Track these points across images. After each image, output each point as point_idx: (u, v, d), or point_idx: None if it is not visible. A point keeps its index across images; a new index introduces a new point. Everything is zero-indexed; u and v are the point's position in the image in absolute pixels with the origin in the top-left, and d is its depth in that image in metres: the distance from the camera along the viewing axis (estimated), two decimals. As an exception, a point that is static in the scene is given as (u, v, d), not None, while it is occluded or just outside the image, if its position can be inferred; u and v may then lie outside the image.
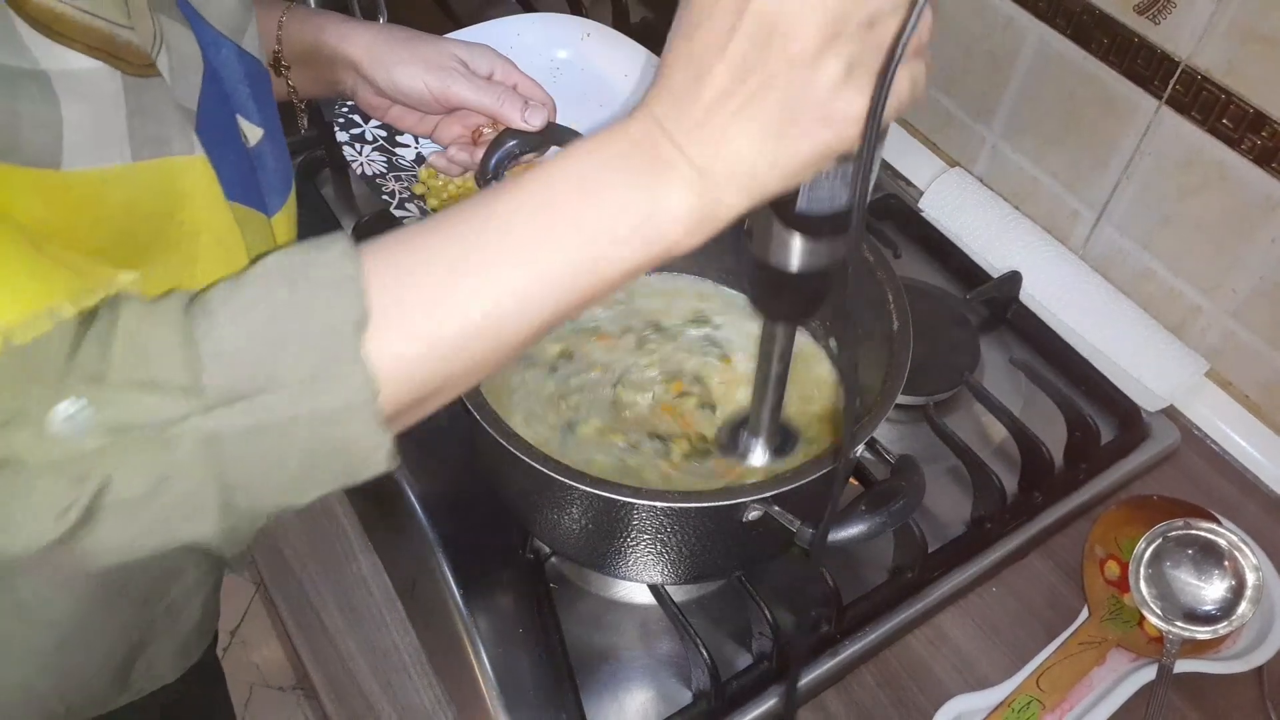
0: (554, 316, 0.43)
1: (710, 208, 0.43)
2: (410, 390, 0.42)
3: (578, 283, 0.43)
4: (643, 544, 0.65)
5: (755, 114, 0.41)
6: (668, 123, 0.42)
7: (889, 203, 1.09)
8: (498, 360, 0.44)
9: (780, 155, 0.42)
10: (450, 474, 0.82)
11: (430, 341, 0.41)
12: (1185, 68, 0.84)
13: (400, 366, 0.41)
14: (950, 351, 0.92)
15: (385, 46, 0.76)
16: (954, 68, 1.06)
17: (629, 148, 0.43)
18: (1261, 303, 0.87)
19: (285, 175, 0.62)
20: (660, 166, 0.42)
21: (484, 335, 0.42)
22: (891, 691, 0.75)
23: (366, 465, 0.42)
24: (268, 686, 1.79)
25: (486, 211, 0.43)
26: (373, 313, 0.40)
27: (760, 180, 0.43)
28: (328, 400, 0.39)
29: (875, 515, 0.60)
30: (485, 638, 0.74)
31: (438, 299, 0.41)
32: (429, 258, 0.42)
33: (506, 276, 0.42)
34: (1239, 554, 0.75)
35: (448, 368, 0.42)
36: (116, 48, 0.44)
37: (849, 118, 0.41)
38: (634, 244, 0.43)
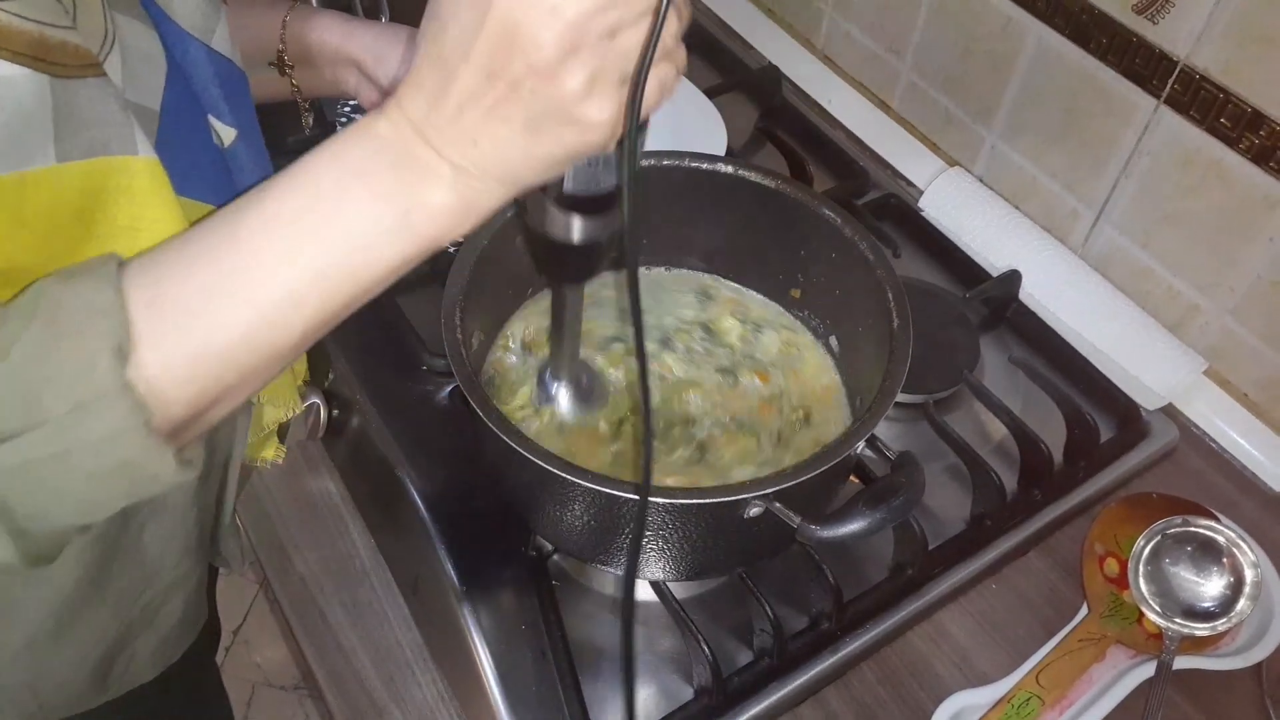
0: (320, 320, 0.44)
1: (469, 200, 0.44)
2: (188, 404, 0.43)
3: (339, 286, 0.44)
4: (644, 540, 0.65)
5: (503, 117, 0.41)
6: (420, 121, 0.43)
7: (889, 202, 1.09)
8: (274, 365, 0.45)
9: (531, 154, 0.43)
10: (453, 471, 0.82)
11: (197, 358, 0.42)
12: (1184, 67, 0.85)
13: (169, 384, 0.42)
14: (950, 350, 0.93)
15: (388, 45, 0.76)
16: (953, 67, 1.07)
17: (378, 147, 0.43)
18: (1260, 301, 0.87)
19: (264, 175, 0.62)
20: (413, 164, 0.43)
21: (250, 346, 0.43)
22: (892, 688, 0.76)
23: (155, 480, 0.43)
24: (270, 686, 1.80)
25: (241, 221, 0.43)
26: (137, 336, 0.41)
27: (515, 174, 0.44)
28: (95, 430, 0.40)
29: (875, 511, 0.60)
30: (488, 634, 0.74)
31: (198, 315, 0.42)
32: (186, 276, 0.43)
33: (263, 286, 0.42)
34: (1237, 551, 0.75)
35: (221, 380, 0.43)
36: (47, 50, 0.44)
37: (595, 124, 0.42)
38: (392, 243, 0.43)
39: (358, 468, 0.86)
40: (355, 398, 0.85)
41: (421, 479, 0.81)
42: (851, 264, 0.75)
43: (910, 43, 1.11)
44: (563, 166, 0.45)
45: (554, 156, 0.43)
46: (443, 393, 0.86)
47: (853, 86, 1.21)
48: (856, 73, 1.21)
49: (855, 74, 1.21)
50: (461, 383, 0.64)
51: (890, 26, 1.12)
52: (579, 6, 0.39)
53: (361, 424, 0.85)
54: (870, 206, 1.07)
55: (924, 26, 1.08)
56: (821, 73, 1.23)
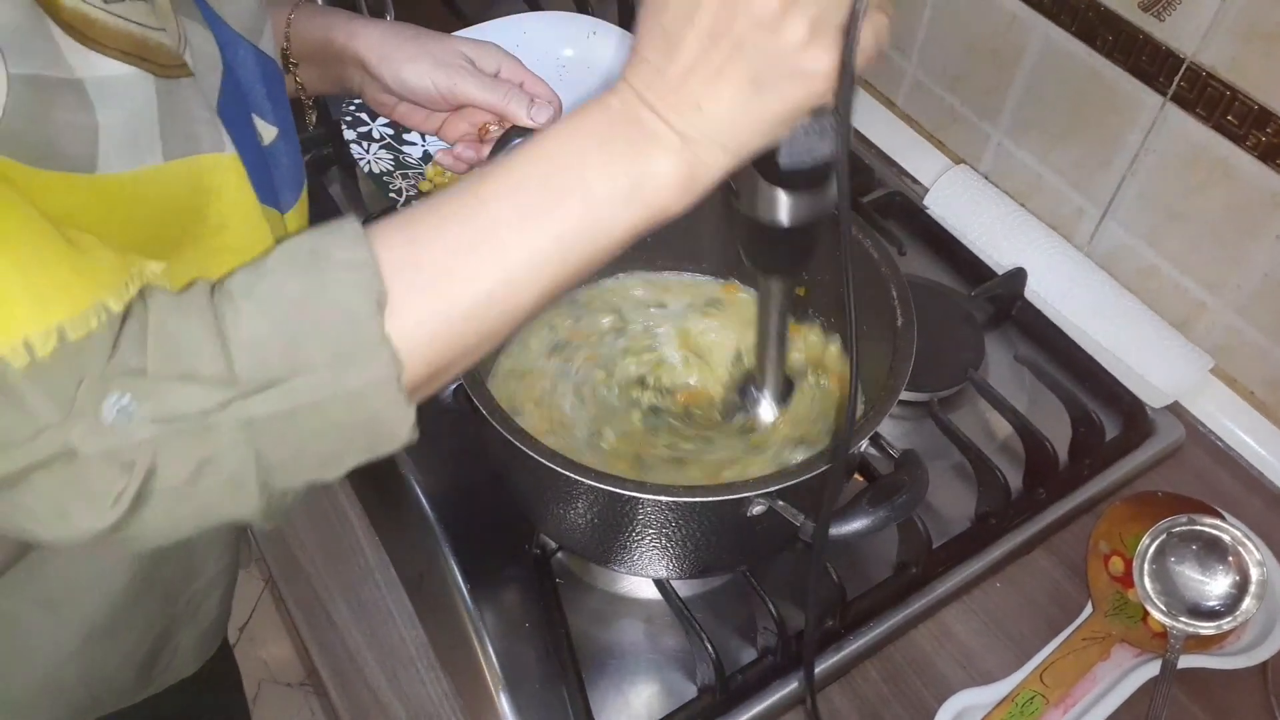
0: (557, 283, 0.46)
1: (695, 169, 0.45)
2: (430, 363, 0.44)
3: (577, 251, 0.45)
4: (648, 539, 0.65)
5: (728, 77, 0.43)
6: (646, 93, 0.44)
7: (894, 200, 1.09)
8: (508, 328, 0.46)
9: (755, 114, 0.44)
10: (457, 469, 0.82)
11: (445, 316, 0.43)
12: (1190, 64, 0.84)
13: (419, 341, 0.43)
14: (955, 348, 0.93)
15: (392, 44, 0.76)
16: (959, 65, 1.07)
17: (610, 120, 0.45)
18: (1266, 299, 0.87)
19: (297, 173, 0.62)
20: (643, 135, 0.45)
21: (494, 306, 0.44)
22: (896, 686, 0.76)
23: (394, 438, 0.44)
24: (275, 682, 1.80)
25: (484, 190, 0.45)
26: (389, 292, 0.42)
27: (739, 139, 0.45)
28: (355, 380, 0.41)
29: (878, 509, 0.60)
30: (492, 632, 0.74)
31: (448, 275, 0.43)
32: (436, 236, 0.44)
33: (509, 250, 0.44)
34: (1243, 550, 0.75)
35: (463, 339, 0.44)
36: (148, 50, 0.45)
37: (817, 73, 0.43)
38: (627, 210, 0.45)
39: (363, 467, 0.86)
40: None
41: (426, 477, 0.81)
42: (857, 263, 0.75)
43: (916, 41, 1.10)
44: (785, 127, 0.46)
45: (778, 115, 0.45)
46: (447, 392, 0.86)
47: (858, 83, 1.20)
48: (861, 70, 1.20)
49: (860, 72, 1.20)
50: (465, 381, 0.64)
51: (895, 24, 1.11)
52: None
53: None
54: (875, 204, 1.07)
55: (929, 24, 1.08)
56: (827, 70, 1.23)
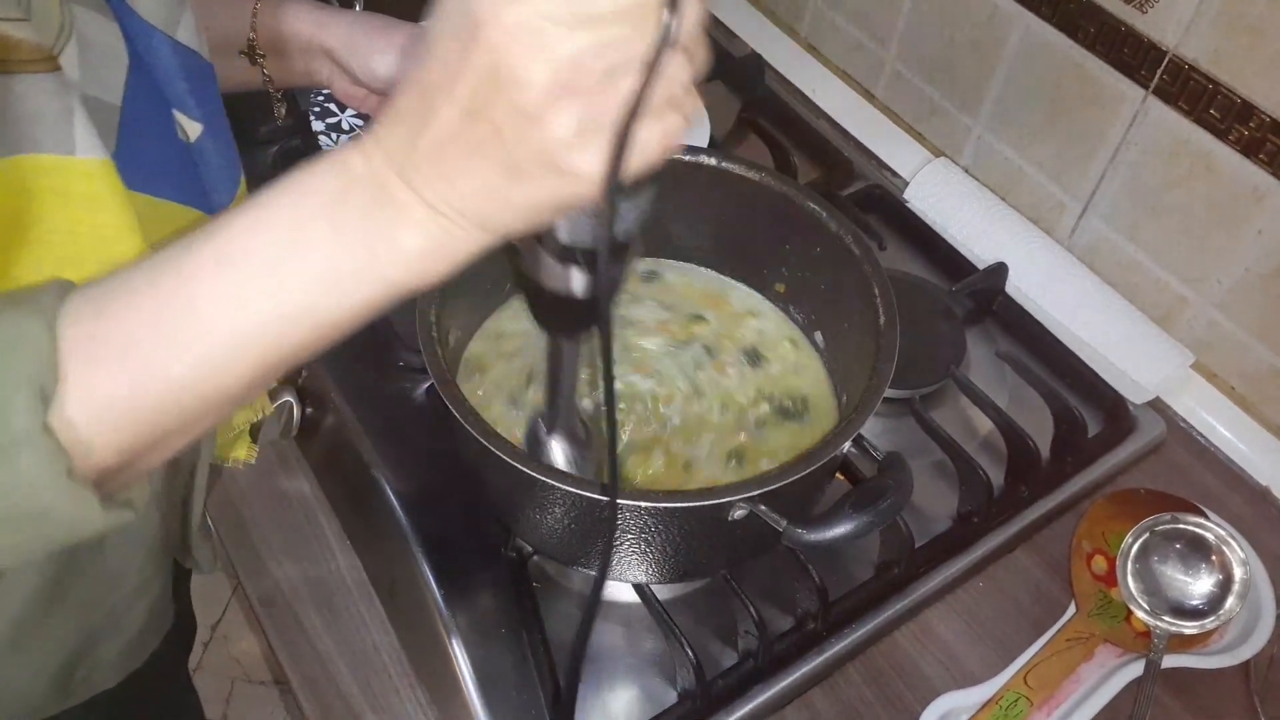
0: (271, 366, 0.41)
1: (444, 245, 0.40)
2: (122, 450, 0.40)
3: (295, 331, 0.40)
4: (626, 543, 0.64)
5: (484, 158, 0.38)
6: (395, 156, 0.39)
7: (873, 193, 1.08)
8: (216, 412, 0.42)
9: (515, 200, 0.39)
10: (430, 471, 0.80)
11: (130, 403, 0.39)
12: (1172, 57, 0.83)
13: (101, 430, 0.39)
14: (936, 344, 0.92)
15: (362, 35, 0.74)
16: (939, 57, 1.06)
17: (348, 185, 0.39)
18: (1247, 294, 0.86)
19: (232, 171, 0.60)
20: (384, 203, 0.39)
21: (193, 391, 0.40)
22: (878, 689, 0.75)
23: (79, 527, 0.41)
24: (249, 681, 1.78)
25: (192, 257, 0.40)
26: (69, 374, 0.38)
27: (496, 220, 0.40)
28: (12, 474, 0.38)
29: (862, 514, 0.59)
30: (467, 638, 0.72)
31: (136, 358, 0.39)
32: (128, 312, 0.39)
33: (211, 332, 0.39)
34: (1226, 548, 0.75)
35: (161, 423, 0.40)
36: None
37: (582, 175, 0.37)
38: (356, 287, 0.40)
39: (332, 467, 0.84)
40: (329, 395, 0.83)
41: (398, 479, 0.79)
42: (837, 258, 0.74)
43: (895, 31, 1.09)
44: (549, 215, 0.41)
45: (538, 205, 0.39)
46: (419, 390, 0.85)
47: (837, 76, 1.19)
48: (841, 62, 1.19)
49: (840, 63, 1.19)
50: (437, 382, 0.63)
51: (875, 15, 1.11)
52: (572, 43, 0.34)
53: (336, 422, 0.83)
54: (855, 198, 1.06)
55: (909, 15, 1.07)
56: (805, 62, 1.21)
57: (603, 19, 0.35)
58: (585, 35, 0.34)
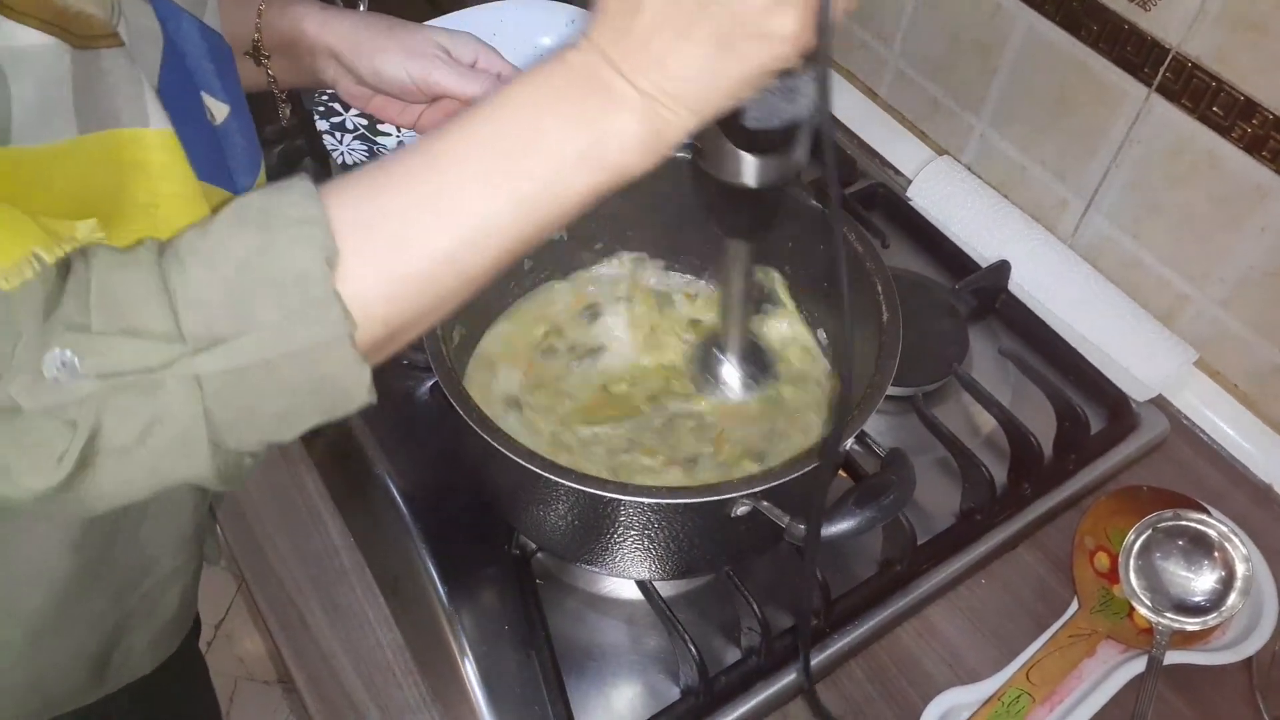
0: (515, 244, 0.45)
1: (658, 128, 0.44)
2: (386, 323, 0.43)
3: (536, 210, 0.44)
4: (630, 540, 0.64)
5: (692, 37, 0.42)
6: (609, 50, 0.43)
7: (877, 191, 1.08)
8: (467, 289, 0.45)
9: (720, 75, 0.43)
10: (434, 469, 0.81)
11: (401, 276, 0.42)
12: (1175, 55, 0.83)
13: (374, 301, 0.42)
14: (939, 342, 0.92)
15: (366, 35, 0.75)
16: (942, 55, 1.06)
17: (571, 77, 0.44)
18: (1250, 292, 0.86)
19: (253, 153, 0.61)
20: (604, 93, 0.43)
21: (452, 266, 0.43)
22: (881, 685, 0.75)
23: (348, 399, 0.43)
24: (252, 680, 1.79)
25: (441, 148, 0.44)
26: (342, 250, 0.41)
27: (703, 99, 0.44)
28: (304, 339, 0.40)
29: (865, 510, 0.59)
30: (470, 635, 0.73)
31: (403, 233, 0.42)
32: (391, 193, 0.43)
33: (467, 210, 0.43)
34: (1229, 545, 0.75)
35: (420, 299, 0.43)
36: (69, 20, 0.44)
37: (783, 36, 0.42)
38: (587, 169, 0.44)
39: (336, 464, 0.85)
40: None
41: (402, 476, 0.80)
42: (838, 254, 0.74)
43: (898, 30, 1.09)
44: (750, 87, 0.45)
45: (743, 76, 0.43)
46: (423, 387, 0.85)
47: (840, 74, 1.19)
48: (844, 60, 1.19)
49: (843, 61, 1.19)
50: (441, 380, 0.63)
51: (878, 14, 1.11)
52: None
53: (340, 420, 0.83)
54: (858, 196, 1.06)
55: (912, 13, 1.07)
56: (808, 60, 1.21)
57: None
58: None
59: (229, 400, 0.40)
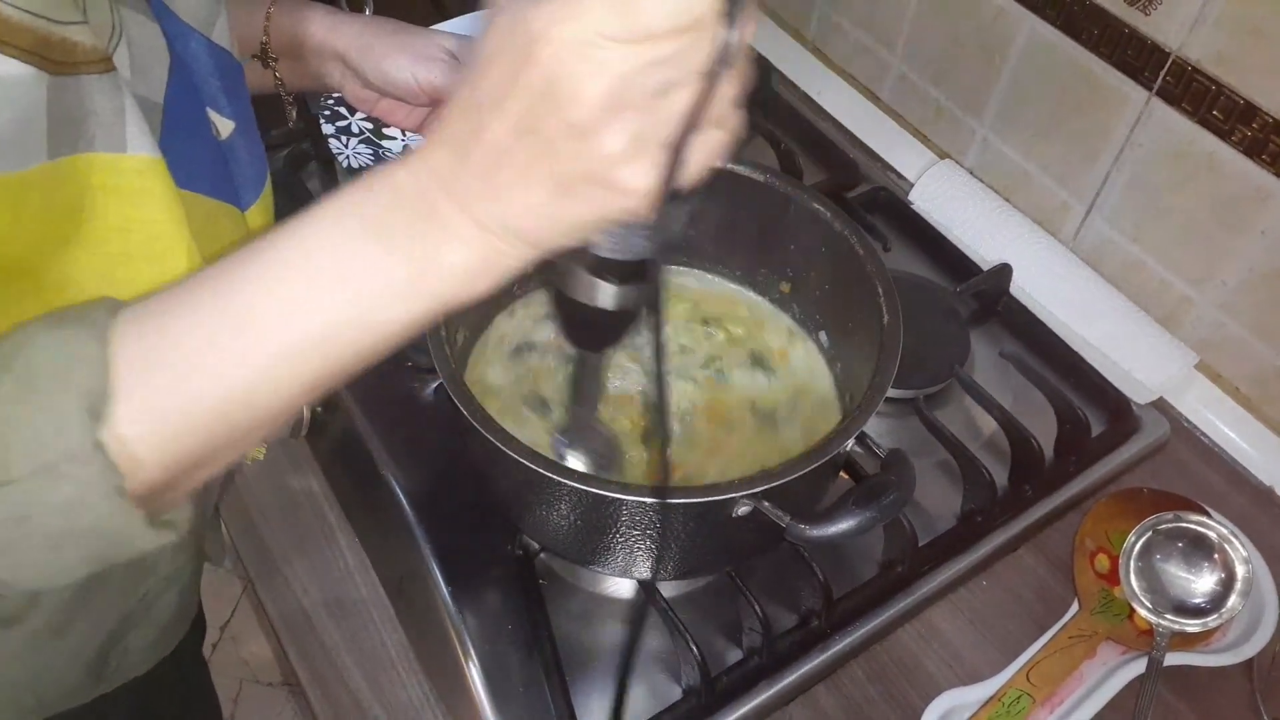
0: (320, 380, 0.42)
1: (491, 260, 0.40)
2: (169, 467, 0.41)
3: (344, 346, 0.41)
4: (632, 540, 0.64)
5: (534, 176, 0.38)
6: (444, 174, 0.39)
7: (878, 195, 1.08)
8: (263, 428, 0.42)
9: (562, 216, 0.39)
10: (438, 470, 0.81)
11: (183, 417, 0.40)
12: (1176, 59, 0.84)
13: (152, 446, 0.39)
14: (940, 344, 0.92)
15: (373, 38, 0.75)
16: (944, 59, 1.06)
17: (395, 201, 0.40)
18: (1251, 295, 0.87)
19: (259, 168, 0.61)
20: (432, 221, 0.40)
21: (245, 405, 0.41)
22: (882, 686, 0.75)
23: (128, 545, 0.41)
24: (257, 682, 1.79)
25: (240, 277, 0.41)
26: (119, 392, 0.38)
27: (542, 235, 0.40)
28: (65, 491, 0.38)
29: (865, 510, 0.59)
30: (474, 635, 0.73)
31: (189, 372, 0.40)
32: (179, 328, 0.40)
33: (263, 345, 0.40)
34: (1229, 547, 0.75)
35: (211, 439, 0.41)
36: (48, 47, 0.43)
37: (633, 190, 0.38)
38: (404, 302, 0.41)
39: (341, 466, 0.85)
40: (338, 394, 0.84)
41: (406, 477, 0.80)
42: (841, 259, 0.75)
43: (901, 34, 1.10)
44: (595, 230, 0.42)
45: (586, 220, 0.40)
46: (428, 389, 0.85)
47: (843, 79, 1.20)
48: (847, 64, 1.20)
49: (845, 66, 1.20)
50: (445, 381, 0.63)
51: (881, 18, 1.11)
52: (626, 61, 0.35)
53: (345, 422, 0.84)
54: (860, 200, 1.07)
55: (914, 18, 1.07)
56: (812, 65, 1.22)
57: (658, 36, 0.35)
58: (640, 52, 0.35)
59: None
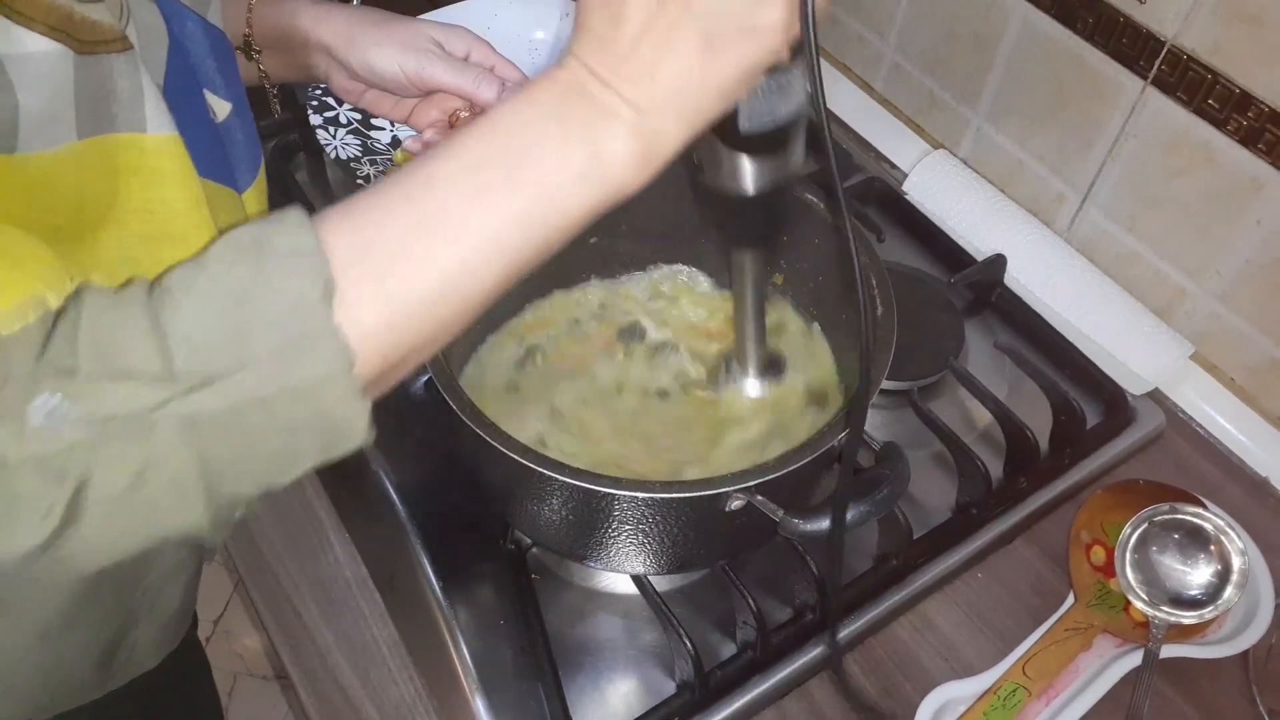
0: (512, 268, 0.44)
1: (652, 141, 0.43)
2: (385, 354, 0.41)
3: (533, 233, 0.43)
4: (624, 535, 0.64)
5: (678, 41, 0.41)
6: (595, 65, 0.42)
7: (872, 185, 1.07)
8: (467, 315, 0.44)
9: (710, 76, 0.42)
10: (429, 464, 0.80)
11: (399, 304, 0.41)
12: (1171, 47, 0.83)
13: (372, 332, 0.40)
14: (935, 336, 0.92)
15: (359, 29, 0.74)
16: (938, 49, 1.05)
17: (560, 95, 0.43)
18: (1247, 285, 0.86)
19: (254, 151, 0.61)
20: (595, 109, 0.43)
21: (450, 293, 0.42)
22: (878, 680, 0.75)
23: (347, 437, 0.41)
24: (251, 675, 1.79)
25: (433, 173, 0.43)
26: (338, 281, 0.39)
27: (696, 105, 0.43)
28: (303, 373, 0.39)
29: (859, 504, 0.59)
30: (465, 630, 0.73)
31: (400, 262, 0.41)
32: (385, 222, 0.41)
33: (463, 235, 0.42)
34: (1225, 538, 0.75)
35: (419, 328, 0.42)
36: (73, 25, 0.43)
37: (769, 27, 0.42)
38: (582, 188, 0.43)
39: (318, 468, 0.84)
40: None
41: (397, 472, 0.80)
42: (835, 250, 0.74)
43: (894, 23, 1.09)
44: (742, 89, 0.44)
45: (734, 76, 0.43)
46: (418, 383, 0.85)
47: (835, 68, 1.19)
48: (839, 54, 1.19)
49: (838, 55, 1.19)
50: (435, 375, 0.63)
51: (874, 7, 1.11)
52: None
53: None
54: (854, 190, 1.06)
55: (907, 7, 1.06)
56: (804, 54, 1.21)
57: None
58: None
59: (224, 442, 0.39)
